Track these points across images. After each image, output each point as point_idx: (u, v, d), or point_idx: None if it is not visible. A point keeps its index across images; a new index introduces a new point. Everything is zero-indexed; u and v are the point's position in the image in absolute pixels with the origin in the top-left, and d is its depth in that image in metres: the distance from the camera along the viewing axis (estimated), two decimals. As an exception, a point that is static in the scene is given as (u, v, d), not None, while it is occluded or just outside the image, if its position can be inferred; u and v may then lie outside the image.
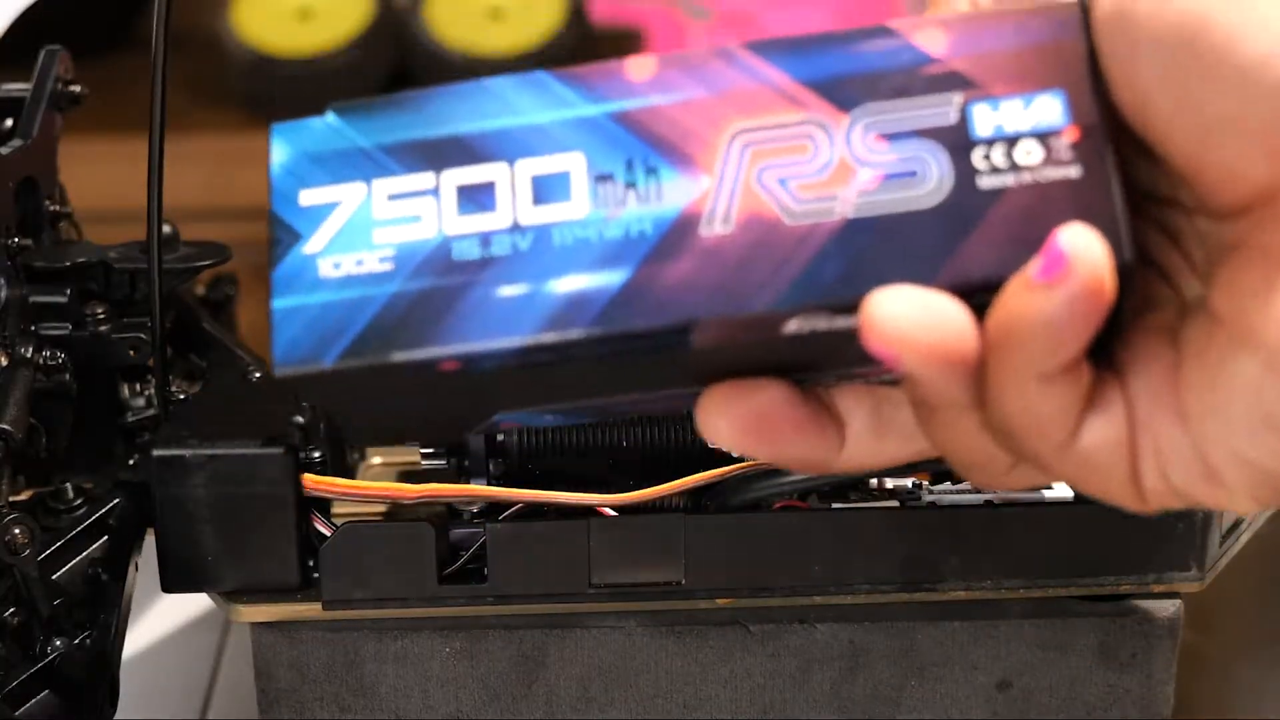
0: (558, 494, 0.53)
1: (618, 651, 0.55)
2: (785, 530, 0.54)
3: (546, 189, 0.38)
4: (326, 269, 0.38)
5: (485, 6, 1.15)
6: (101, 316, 0.58)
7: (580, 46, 1.17)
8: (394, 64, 1.16)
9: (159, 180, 0.55)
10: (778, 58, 0.38)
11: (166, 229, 0.57)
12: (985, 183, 0.37)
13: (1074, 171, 0.37)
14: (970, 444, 0.39)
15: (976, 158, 0.37)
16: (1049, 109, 0.37)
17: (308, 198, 0.39)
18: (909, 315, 0.36)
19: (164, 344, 0.56)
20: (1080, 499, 0.53)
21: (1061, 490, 0.54)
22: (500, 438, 0.54)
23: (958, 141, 0.37)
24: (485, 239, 0.38)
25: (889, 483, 0.55)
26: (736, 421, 0.39)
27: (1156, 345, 0.38)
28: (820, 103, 0.38)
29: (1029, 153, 0.37)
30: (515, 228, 0.38)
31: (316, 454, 0.54)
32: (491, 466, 0.54)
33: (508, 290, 0.38)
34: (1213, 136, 0.36)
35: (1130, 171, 0.38)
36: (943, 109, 0.37)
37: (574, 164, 0.38)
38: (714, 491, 0.54)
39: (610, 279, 0.37)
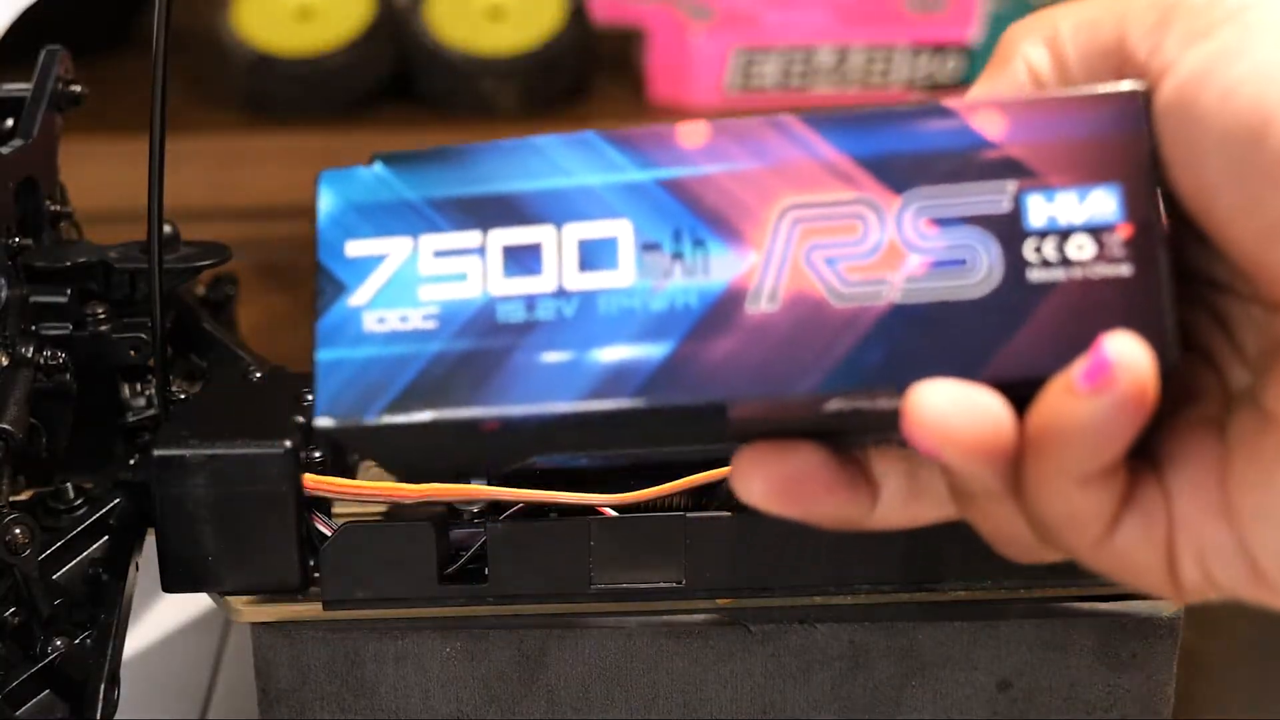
0: (558, 494, 0.53)
1: (618, 651, 0.55)
2: (785, 530, 0.53)
3: (593, 255, 0.38)
4: (371, 323, 0.38)
5: (485, 6, 1.15)
6: (102, 316, 0.58)
7: (580, 46, 1.17)
8: (394, 64, 1.16)
9: (159, 180, 0.55)
10: (831, 132, 0.37)
11: (167, 229, 0.57)
12: (1035, 276, 0.36)
13: (1125, 270, 0.36)
14: (1004, 526, 0.38)
15: (1028, 249, 0.36)
16: (1104, 203, 0.36)
17: (354, 249, 0.39)
18: (952, 411, 0.35)
19: (164, 344, 0.56)
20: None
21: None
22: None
23: (1010, 231, 0.36)
24: (530, 302, 0.38)
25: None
26: (771, 483, 0.39)
27: (1201, 439, 0.37)
28: (873, 182, 0.37)
29: (1081, 247, 0.36)
30: (560, 293, 0.38)
31: (317, 454, 0.53)
32: (492, 466, 0.54)
33: (551, 356, 0.37)
34: (1274, 236, 0.35)
35: (1184, 255, 0.37)
36: (996, 197, 0.37)
37: (621, 231, 0.38)
38: (714, 491, 0.54)
39: (653, 351, 0.37)
